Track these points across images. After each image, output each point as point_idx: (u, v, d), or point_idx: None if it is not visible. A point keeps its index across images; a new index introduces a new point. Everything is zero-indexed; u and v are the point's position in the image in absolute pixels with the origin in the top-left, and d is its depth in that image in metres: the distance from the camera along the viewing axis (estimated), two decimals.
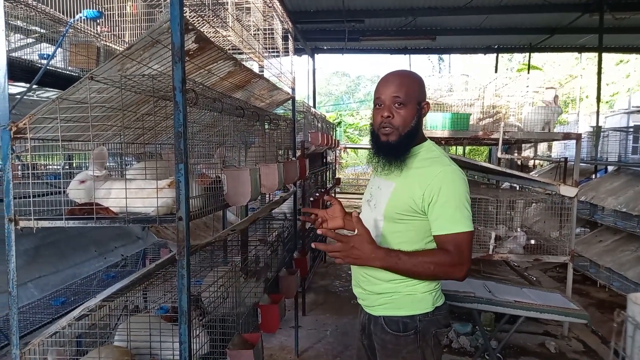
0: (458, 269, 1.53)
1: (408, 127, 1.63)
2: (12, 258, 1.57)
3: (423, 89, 1.68)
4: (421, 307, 1.65)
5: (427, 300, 1.65)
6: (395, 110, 1.61)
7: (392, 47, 10.20)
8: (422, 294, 1.65)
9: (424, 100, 1.66)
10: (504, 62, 20.60)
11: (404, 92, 1.60)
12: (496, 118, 5.32)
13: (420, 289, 1.64)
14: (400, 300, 1.65)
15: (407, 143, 1.65)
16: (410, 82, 1.63)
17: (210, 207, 1.80)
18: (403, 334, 1.65)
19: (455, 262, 1.52)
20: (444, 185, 1.55)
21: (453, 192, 1.55)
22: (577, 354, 3.99)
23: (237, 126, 2.48)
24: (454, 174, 1.58)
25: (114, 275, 3.56)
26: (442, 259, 1.53)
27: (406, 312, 1.65)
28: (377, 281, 1.68)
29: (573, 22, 7.84)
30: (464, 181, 1.59)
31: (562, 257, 4.38)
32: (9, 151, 1.53)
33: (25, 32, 2.94)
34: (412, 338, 1.64)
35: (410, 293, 1.64)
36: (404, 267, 1.54)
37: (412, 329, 1.64)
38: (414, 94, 1.62)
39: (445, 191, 1.55)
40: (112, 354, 1.72)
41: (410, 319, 1.64)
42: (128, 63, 1.61)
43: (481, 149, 15.51)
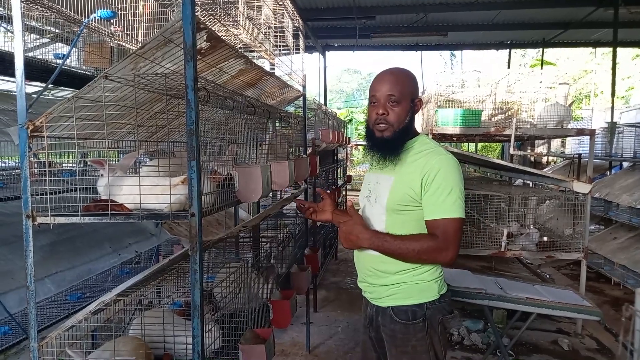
0: (443, 254, 1.60)
1: (402, 124, 1.69)
2: (30, 253, 1.61)
3: (416, 86, 1.74)
4: (428, 295, 1.71)
5: (433, 288, 1.72)
6: (389, 107, 1.69)
7: (404, 43, 10.15)
8: (428, 283, 1.71)
9: (417, 97, 1.73)
10: (517, 57, 20.37)
11: (398, 90, 1.67)
12: (508, 114, 5.28)
13: (426, 277, 1.71)
14: (408, 289, 1.71)
15: (401, 138, 1.71)
16: (404, 80, 1.70)
17: (222, 204, 1.82)
18: (412, 322, 1.70)
19: (440, 247, 1.59)
20: (439, 172, 1.62)
21: (446, 180, 1.61)
22: (591, 351, 3.96)
23: (249, 124, 2.50)
24: (449, 162, 1.65)
25: (128, 271, 3.61)
26: (428, 243, 1.59)
27: (414, 300, 1.71)
28: (384, 274, 1.74)
29: (587, 16, 7.73)
30: (458, 170, 1.65)
31: (576, 254, 4.35)
32: (27, 149, 1.57)
33: (40, 32, 2.99)
34: (421, 326, 1.70)
35: (417, 282, 1.71)
36: (389, 248, 1.62)
37: (421, 317, 1.70)
38: (408, 92, 1.69)
39: (439, 178, 1.62)
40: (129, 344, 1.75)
41: (418, 307, 1.70)
42: (141, 62, 1.63)
43: (493, 145, 15.38)
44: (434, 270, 1.72)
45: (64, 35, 2.99)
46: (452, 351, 3.92)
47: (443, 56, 21.65)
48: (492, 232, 4.68)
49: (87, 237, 3.71)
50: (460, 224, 1.61)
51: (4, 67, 2.81)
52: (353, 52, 10.51)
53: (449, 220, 1.59)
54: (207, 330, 1.84)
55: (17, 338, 2.68)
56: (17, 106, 1.56)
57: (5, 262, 2.93)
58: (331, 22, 8.63)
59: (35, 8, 2.60)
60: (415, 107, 1.72)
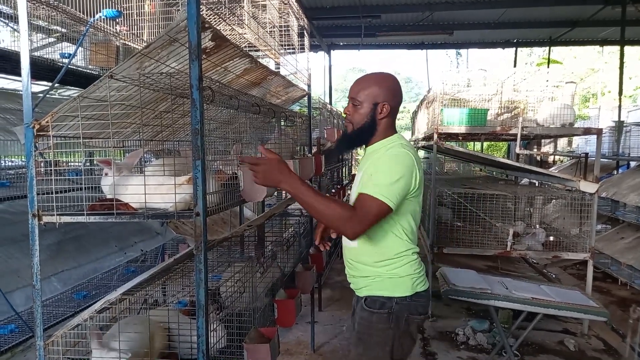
0: (349, 225, 1.61)
1: (360, 124, 1.80)
2: (36, 252, 1.61)
3: (382, 91, 1.78)
4: (400, 290, 1.74)
5: (407, 283, 1.75)
6: (352, 108, 1.81)
7: (409, 42, 10.13)
8: (402, 278, 1.74)
9: (383, 102, 1.77)
10: (523, 56, 20.27)
11: (360, 94, 1.79)
12: (515, 113, 5.24)
13: (401, 272, 1.74)
14: (382, 282, 1.77)
15: (359, 135, 1.82)
16: (368, 86, 1.79)
17: (227, 203, 1.82)
18: (377, 311, 1.75)
19: (350, 217, 1.60)
20: (384, 160, 1.69)
21: (387, 166, 1.66)
22: (597, 352, 3.93)
23: (254, 123, 2.50)
24: (398, 153, 1.70)
25: (134, 270, 3.63)
26: (341, 210, 1.61)
27: (386, 293, 1.76)
28: (361, 265, 1.81)
29: (594, 14, 7.67)
30: (404, 163, 1.67)
31: (582, 254, 4.32)
32: (33, 148, 1.58)
33: (46, 32, 3.00)
34: (385, 317, 1.74)
35: (391, 276, 1.75)
36: (304, 198, 1.63)
37: (387, 309, 1.74)
38: (369, 97, 1.77)
39: (382, 165, 1.68)
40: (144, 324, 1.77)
41: (387, 299, 1.75)
42: (146, 61, 1.63)
43: (499, 144, 15.31)
44: (409, 266, 1.75)
45: (70, 34, 3.00)
46: (457, 351, 3.91)
47: (449, 55, 21.61)
48: (498, 232, 4.66)
49: (93, 235, 3.74)
50: (380, 207, 1.61)
51: (10, 67, 2.82)
52: (358, 51, 10.49)
53: (370, 198, 1.61)
54: (212, 329, 1.84)
55: (23, 336, 2.69)
56: (23, 105, 1.57)
57: (12, 260, 2.95)
58: (336, 20, 8.62)
59: (42, 7, 2.61)
60: (378, 110, 1.77)
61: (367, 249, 1.78)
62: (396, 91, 1.81)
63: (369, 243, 1.76)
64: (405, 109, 28.31)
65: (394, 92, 1.80)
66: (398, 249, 1.75)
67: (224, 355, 2.00)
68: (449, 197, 5.44)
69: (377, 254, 1.75)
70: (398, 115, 1.89)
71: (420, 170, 1.72)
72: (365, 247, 1.78)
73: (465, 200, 4.79)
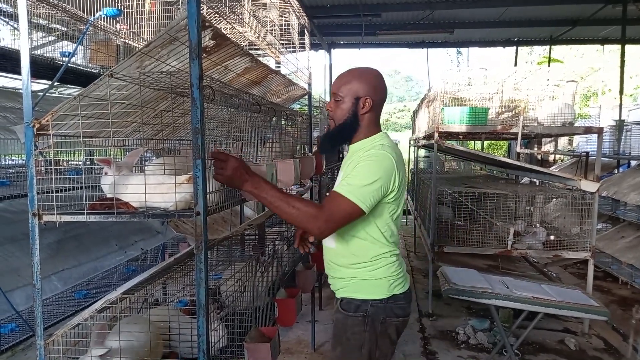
0: (315, 223, 1.57)
1: (342, 119, 1.75)
2: (36, 251, 1.61)
3: (365, 85, 1.73)
4: (376, 293, 1.71)
5: (383, 286, 1.72)
6: (334, 104, 1.77)
7: (410, 41, 10.11)
8: (377, 280, 1.71)
9: (364, 96, 1.73)
10: (524, 55, 20.23)
11: (341, 89, 1.74)
12: (515, 112, 5.24)
13: (377, 274, 1.71)
14: (358, 284, 1.74)
15: (342, 132, 1.78)
16: (350, 81, 1.75)
17: (227, 202, 1.82)
18: (352, 314, 1.73)
19: (316, 215, 1.57)
20: (361, 161, 1.64)
21: (365, 168, 1.62)
22: (598, 351, 3.93)
23: (254, 122, 2.49)
24: (377, 155, 1.64)
25: (135, 269, 3.63)
26: (307, 208, 1.58)
27: (361, 295, 1.73)
28: (337, 267, 1.79)
29: (595, 13, 7.66)
30: (382, 164, 1.62)
31: (583, 254, 4.32)
32: (33, 147, 1.57)
33: (47, 30, 3.00)
34: (360, 320, 1.71)
35: (366, 278, 1.72)
36: (269, 198, 1.60)
37: (362, 312, 1.71)
38: (350, 91, 1.73)
39: (360, 166, 1.63)
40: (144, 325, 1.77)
41: (362, 302, 1.72)
42: (147, 60, 1.63)
43: (500, 143, 15.29)
44: (386, 269, 1.72)
45: (70, 33, 2.99)
46: (457, 350, 3.91)
47: (449, 54, 21.57)
48: (499, 231, 4.66)
49: (93, 234, 3.73)
50: (351, 208, 1.57)
51: (11, 65, 2.82)
52: (359, 49, 10.46)
53: (340, 197, 1.57)
54: (212, 328, 1.84)
55: (24, 335, 2.69)
56: (23, 104, 1.56)
57: (13, 259, 2.95)
58: (337, 19, 8.60)
59: (42, 6, 2.61)
60: (360, 105, 1.73)
61: (344, 250, 1.75)
62: (378, 85, 1.76)
63: (346, 244, 1.73)
64: (405, 107, 28.31)
65: (376, 86, 1.75)
66: (375, 252, 1.71)
67: (225, 355, 2.00)
68: (450, 196, 5.44)
69: (354, 256, 1.73)
70: (398, 114, 1.89)
71: (401, 172, 1.68)
72: (342, 249, 1.75)
73: (465, 199, 4.79)
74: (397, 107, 31.33)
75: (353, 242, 1.72)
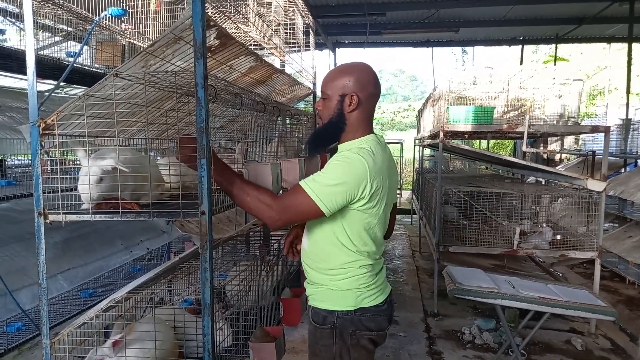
0: (268, 212, 1.52)
1: (329, 117, 1.68)
2: (42, 251, 1.61)
3: (351, 82, 1.64)
4: (341, 304, 1.63)
5: (349, 298, 1.63)
6: (322, 102, 1.71)
7: (414, 40, 10.08)
8: (343, 291, 1.63)
9: (350, 93, 1.63)
10: (529, 53, 20.12)
11: (328, 87, 1.68)
12: (521, 111, 5.21)
13: (342, 285, 1.63)
14: (324, 293, 1.67)
15: (326, 130, 1.70)
16: (336, 77, 1.67)
17: (232, 201, 1.81)
18: (320, 326, 1.66)
19: (270, 204, 1.52)
20: (333, 160, 1.59)
21: (333, 168, 1.56)
22: (605, 351, 3.91)
23: (259, 121, 2.49)
24: (349, 158, 1.56)
25: (140, 268, 3.64)
26: (264, 196, 1.53)
27: (327, 306, 1.66)
28: (308, 269, 1.72)
29: (602, 11, 7.60)
30: (351, 168, 1.53)
31: (590, 253, 4.29)
32: (38, 147, 1.58)
33: (52, 31, 3.01)
34: (328, 332, 1.64)
35: (332, 288, 1.65)
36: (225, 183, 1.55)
37: (329, 324, 1.64)
38: (336, 88, 1.65)
39: (329, 165, 1.58)
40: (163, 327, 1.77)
41: (329, 313, 1.64)
42: (151, 60, 1.63)
43: (506, 142, 15.23)
44: (354, 280, 1.62)
45: (75, 33, 3.01)
46: (463, 350, 3.90)
47: (454, 52, 21.48)
48: (504, 230, 4.64)
49: (99, 234, 3.74)
50: (308, 204, 1.50)
51: (16, 66, 2.83)
52: (363, 49, 10.45)
53: (301, 190, 1.51)
54: (217, 328, 1.84)
55: (30, 334, 2.71)
56: (29, 104, 1.57)
57: (19, 258, 2.96)
58: (342, 18, 8.59)
59: (48, 6, 2.62)
60: (345, 103, 1.64)
61: (314, 252, 1.68)
62: (367, 81, 1.65)
63: (316, 247, 1.67)
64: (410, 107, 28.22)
65: (363, 82, 1.64)
66: (344, 259, 1.62)
67: (230, 354, 2.00)
68: (455, 196, 5.42)
69: (322, 260, 1.65)
70: (403, 114, 1.85)
71: (378, 181, 1.56)
72: (313, 250, 1.69)
73: (471, 199, 4.77)
74: (401, 106, 31.28)
75: (323, 245, 1.65)
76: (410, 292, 5.37)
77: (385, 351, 3.79)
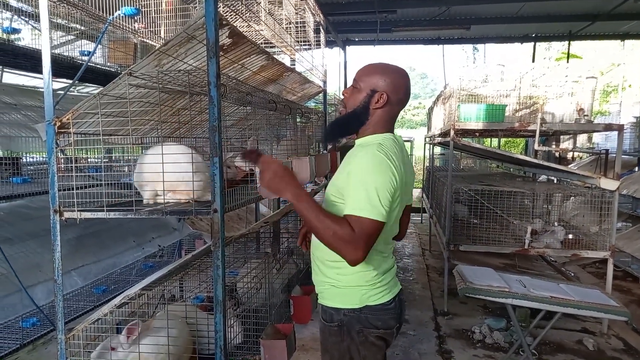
0: (352, 250, 1.45)
1: (352, 107, 1.67)
2: (57, 247, 1.64)
3: (386, 81, 1.64)
4: (346, 302, 1.63)
5: (354, 296, 1.62)
6: (351, 90, 1.70)
7: (425, 37, 10.02)
8: (349, 288, 1.62)
9: (383, 91, 1.63)
10: (542, 50, 19.91)
11: (362, 78, 1.67)
12: (533, 109, 5.17)
13: (350, 281, 1.62)
14: (330, 291, 1.66)
15: (348, 120, 1.70)
16: (372, 72, 1.67)
17: (243, 200, 1.83)
18: (328, 323, 1.66)
19: (354, 242, 1.45)
20: (358, 167, 1.53)
21: (364, 176, 1.50)
22: (617, 352, 3.87)
23: (270, 119, 2.50)
24: (370, 157, 1.53)
25: (152, 265, 3.67)
26: (345, 232, 1.45)
27: (333, 303, 1.65)
28: (318, 262, 1.69)
29: (616, 7, 7.50)
30: (378, 166, 1.51)
31: (602, 253, 4.24)
32: (54, 145, 1.60)
33: (66, 30, 3.04)
34: (336, 330, 1.64)
35: (337, 286, 1.64)
36: (307, 213, 1.50)
37: (337, 321, 1.64)
38: (369, 82, 1.65)
39: (356, 174, 1.52)
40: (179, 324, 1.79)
41: (335, 311, 1.64)
42: (164, 59, 1.65)
43: (517, 140, 15.11)
44: (360, 276, 1.61)
45: (89, 32, 3.04)
46: (473, 349, 3.88)
47: (465, 50, 21.31)
48: (516, 229, 4.61)
49: (112, 231, 3.79)
50: (376, 226, 1.47)
51: (31, 65, 2.87)
52: (374, 46, 10.41)
53: (365, 220, 1.46)
54: (229, 325, 1.85)
55: (45, 329, 2.74)
56: (45, 103, 1.59)
57: (34, 255, 3.01)
58: (352, 16, 8.56)
59: (62, 5, 2.65)
60: (374, 99, 1.64)
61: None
62: (399, 86, 1.66)
63: None
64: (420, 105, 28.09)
65: (397, 85, 1.65)
66: None
67: (241, 351, 2.01)
68: (466, 194, 5.39)
69: (330, 253, 1.57)
70: (414, 112, 1.83)
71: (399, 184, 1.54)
72: None
73: (482, 197, 4.74)
74: (412, 104, 31.15)
75: None
76: (420, 290, 5.36)
77: (395, 350, 3.79)
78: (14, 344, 2.59)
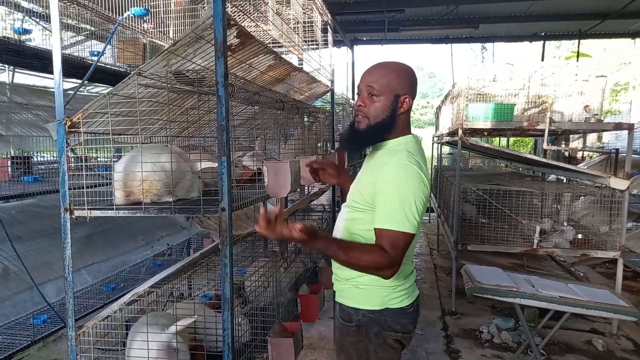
0: (388, 271, 1.47)
1: (378, 118, 1.58)
2: (68, 245, 1.66)
3: (404, 83, 1.59)
4: (366, 303, 1.62)
5: (374, 297, 1.61)
6: (368, 99, 1.59)
7: (433, 36, 9.98)
8: (367, 288, 1.61)
9: (405, 94, 1.58)
10: (551, 49, 19.76)
11: (379, 83, 1.57)
12: (542, 108, 5.14)
13: (367, 282, 1.60)
14: (350, 290, 1.65)
15: (376, 133, 1.61)
16: (389, 74, 1.58)
17: (251, 198, 1.84)
18: (347, 323, 1.65)
19: (389, 264, 1.45)
20: (391, 179, 1.50)
21: (396, 187, 1.48)
22: (627, 352, 3.84)
23: (277, 119, 2.51)
24: (402, 168, 1.50)
25: (161, 264, 3.70)
26: (379, 260, 1.45)
27: (352, 303, 1.64)
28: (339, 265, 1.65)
29: (626, 6, 7.43)
30: (411, 178, 1.49)
31: (612, 253, 4.21)
32: (64, 144, 1.62)
33: (76, 30, 3.08)
34: (354, 330, 1.63)
35: (357, 286, 1.62)
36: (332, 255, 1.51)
37: (355, 322, 1.62)
38: (390, 86, 1.57)
39: (388, 185, 1.49)
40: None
41: (354, 311, 1.63)
42: (173, 59, 1.66)
43: (526, 140, 15.01)
44: (378, 278, 1.55)
45: (98, 32, 3.07)
46: (481, 349, 3.87)
47: (473, 49, 21.19)
48: (524, 229, 4.58)
49: (121, 229, 3.82)
50: (408, 238, 1.47)
51: (41, 65, 2.90)
52: (382, 46, 10.38)
53: (397, 234, 1.45)
54: (237, 323, 1.87)
55: (55, 326, 2.78)
56: (55, 103, 1.61)
57: (45, 253, 3.05)
58: (360, 15, 8.55)
59: (72, 6, 2.67)
60: (400, 104, 1.58)
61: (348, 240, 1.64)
62: (415, 84, 1.63)
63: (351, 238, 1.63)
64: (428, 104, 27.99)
65: (414, 85, 1.61)
66: None
67: (249, 349, 2.02)
68: (474, 194, 5.37)
69: None
70: (422, 111, 1.83)
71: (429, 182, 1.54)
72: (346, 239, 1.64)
73: (490, 197, 4.72)
74: (420, 103, 31.04)
75: (358, 238, 1.62)
76: (428, 290, 5.35)
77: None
78: (25, 340, 2.62)
